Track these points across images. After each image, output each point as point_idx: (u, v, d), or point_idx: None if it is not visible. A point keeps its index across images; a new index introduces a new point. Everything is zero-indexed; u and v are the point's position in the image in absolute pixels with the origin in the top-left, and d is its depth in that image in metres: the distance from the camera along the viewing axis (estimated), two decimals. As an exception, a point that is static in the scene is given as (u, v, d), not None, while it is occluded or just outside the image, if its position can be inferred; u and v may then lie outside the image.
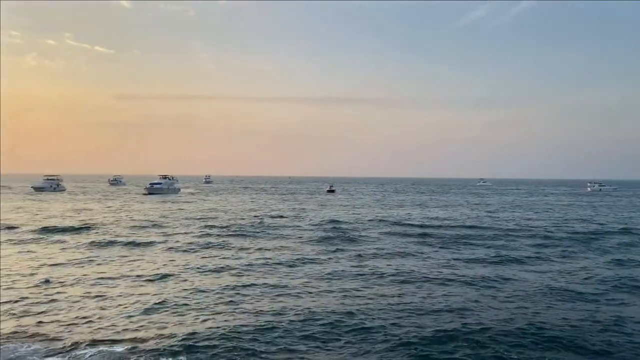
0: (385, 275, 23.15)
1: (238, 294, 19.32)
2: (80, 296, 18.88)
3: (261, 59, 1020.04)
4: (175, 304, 17.74)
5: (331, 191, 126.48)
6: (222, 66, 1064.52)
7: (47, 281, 21.33)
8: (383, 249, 31.00)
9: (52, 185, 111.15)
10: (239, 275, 22.87)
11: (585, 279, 22.90)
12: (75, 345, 13.37)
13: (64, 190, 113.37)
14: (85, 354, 12.71)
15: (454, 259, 27.90)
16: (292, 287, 20.62)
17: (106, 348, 13.13)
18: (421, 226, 44.77)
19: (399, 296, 19.28)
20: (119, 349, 13.10)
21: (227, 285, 20.65)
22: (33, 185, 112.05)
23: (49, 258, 27.25)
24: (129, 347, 13.19)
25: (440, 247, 32.39)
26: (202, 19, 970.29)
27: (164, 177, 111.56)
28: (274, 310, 16.85)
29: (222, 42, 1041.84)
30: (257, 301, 18.25)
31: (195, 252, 29.77)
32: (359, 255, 28.66)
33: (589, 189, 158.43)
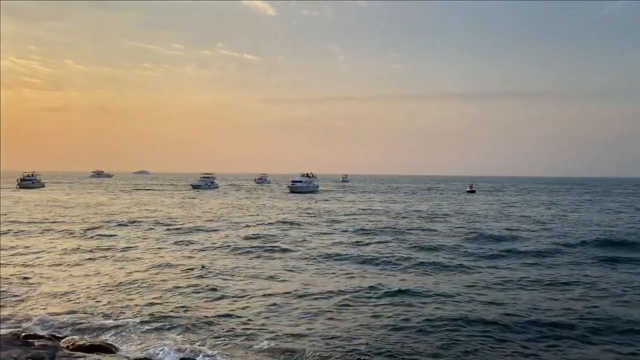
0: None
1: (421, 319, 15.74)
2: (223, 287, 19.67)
3: (394, 58, 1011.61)
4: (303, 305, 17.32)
5: (471, 191, 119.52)
6: (357, 67, 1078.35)
7: (203, 267, 23.49)
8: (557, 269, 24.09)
9: (207, 183, 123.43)
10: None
11: None
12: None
13: (217, 187, 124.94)
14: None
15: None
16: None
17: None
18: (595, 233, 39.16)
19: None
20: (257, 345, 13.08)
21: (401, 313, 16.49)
22: (191, 183, 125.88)
23: (204, 249, 29.31)
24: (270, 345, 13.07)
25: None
26: (340, 21, 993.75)
27: (305, 175, 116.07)
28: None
29: (358, 44, 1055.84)
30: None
31: (341, 259, 27.11)
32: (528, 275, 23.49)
33: None
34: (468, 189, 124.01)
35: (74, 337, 13.16)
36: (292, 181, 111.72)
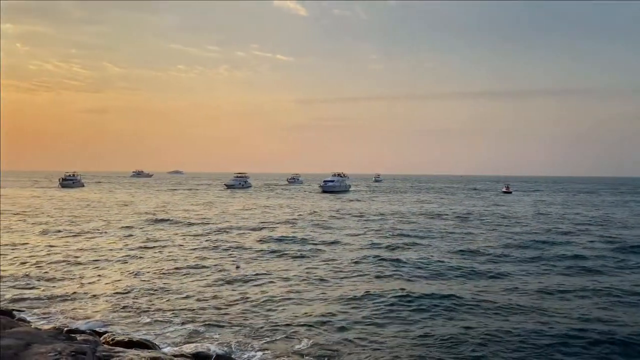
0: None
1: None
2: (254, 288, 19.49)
3: (426, 56, 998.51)
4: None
5: (507, 192, 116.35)
6: (389, 66, 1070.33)
7: (237, 267, 23.66)
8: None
9: (240, 183, 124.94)
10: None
11: None
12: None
13: (250, 187, 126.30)
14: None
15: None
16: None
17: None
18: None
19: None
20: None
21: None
22: (225, 183, 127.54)
23: (238, 248, 29.32)
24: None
25: None
26: (372, 21, 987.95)
27: (338, 174, 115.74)
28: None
29: (389, 43, 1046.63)
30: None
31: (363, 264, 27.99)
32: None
33: None
34: (504, 190, 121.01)
35: (113, 333, 13.22)
36: (324, 181, 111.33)
